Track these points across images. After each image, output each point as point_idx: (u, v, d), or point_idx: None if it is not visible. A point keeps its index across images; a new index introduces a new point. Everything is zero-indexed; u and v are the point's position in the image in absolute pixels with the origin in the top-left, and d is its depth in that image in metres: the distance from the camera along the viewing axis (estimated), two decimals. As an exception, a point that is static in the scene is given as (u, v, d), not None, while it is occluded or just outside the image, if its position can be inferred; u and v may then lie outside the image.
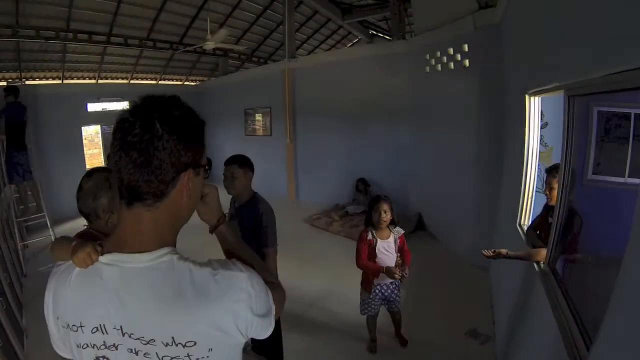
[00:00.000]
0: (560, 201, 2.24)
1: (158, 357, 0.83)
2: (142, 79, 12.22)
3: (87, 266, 0.86)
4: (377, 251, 3.22)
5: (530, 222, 3.10)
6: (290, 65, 9.16)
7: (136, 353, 0.84)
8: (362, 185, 7.98)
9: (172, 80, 13.31)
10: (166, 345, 0.82)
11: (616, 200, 1.96)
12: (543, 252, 2.42)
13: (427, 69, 6.18)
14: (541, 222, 2.84)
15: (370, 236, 3.23)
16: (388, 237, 3.27)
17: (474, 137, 5.22)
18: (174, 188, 0.86)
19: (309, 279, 5.02)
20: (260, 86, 10.33)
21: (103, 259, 0.86)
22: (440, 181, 6.15)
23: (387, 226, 3.26)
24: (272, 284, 1.03)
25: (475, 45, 5.07)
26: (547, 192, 2.66)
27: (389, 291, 3.39)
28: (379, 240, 3.23)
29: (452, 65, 5.55)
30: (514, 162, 3.79)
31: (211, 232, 1.11)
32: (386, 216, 3.18)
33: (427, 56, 6.12)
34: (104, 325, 0.84)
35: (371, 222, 3.27)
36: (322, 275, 5.17)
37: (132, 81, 11.84)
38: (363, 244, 3.21)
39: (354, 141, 8.30)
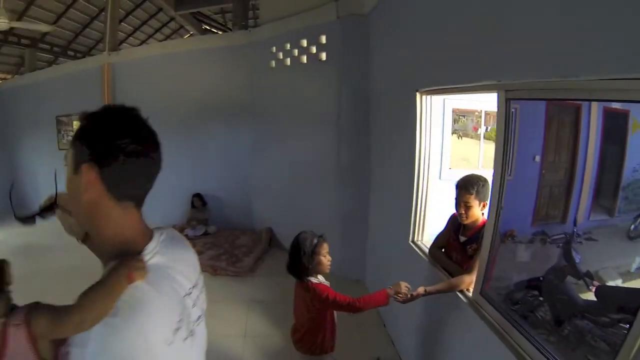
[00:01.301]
0: (495, 221, 1.95)
1: None
2: None
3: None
4: None
5: (434, 240, 2.72)
6: (110, 60, 7.63)
7: None
8: (198, 201, 7.01)
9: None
10: None
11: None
12: (467, 279, 2.19)
13: (273, 63, 5.59)
14: (449, 240, 2.56)
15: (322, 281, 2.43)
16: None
17: (334, 141, 4.83)
18: None
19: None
20: (76, 87, 8.36)
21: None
22: (295, 192, 5.62)
23: None
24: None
25: (336, 37, 4.66)
26: (463, 211, 2.32)
27: None
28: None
29: (304, 58, 5.06)
30: (396, 170, 3.44)
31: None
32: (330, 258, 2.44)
33: (274, 49, 5.53)
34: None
35: (306, 269, 2.36)
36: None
37: None
38: (327, 289, 2.34)
39: (187, 150, 7.20)
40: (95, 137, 0.85)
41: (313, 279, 2.36)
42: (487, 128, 3.57)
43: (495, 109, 1.90)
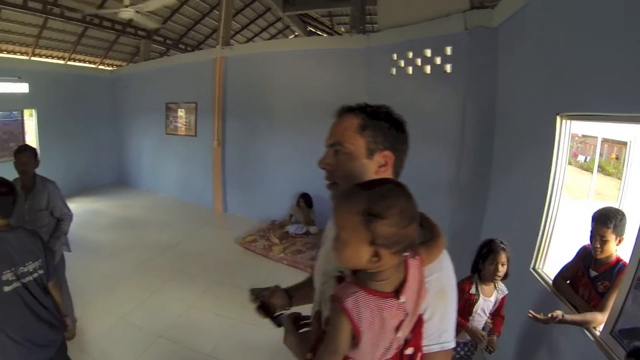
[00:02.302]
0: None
1: None
2: (45, 56, 10.38)
3: None
4: (474, 310, 2.62)
5: (560, 270, 2.65)
6: (223, 54, 8.21)
7: None
8: (303, 202, 7.20)
9: (84, 61, 11.58)
10: None
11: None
12: (600, 318, 2.12)
13: (393, 70, 5.65)
14: (577, 273, 2.50)
15: (473, 289, 2.63)
16: (491, 295, 2.68)
17: (453, 157, 4.80)
18: None
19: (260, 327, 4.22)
20: (187, 77, 9.21)
21: None
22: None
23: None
24: None
25: (463, 49, 4.64)
26: (598, 245, 2.25)
27: (463, 352, 2.83)
28: (481, 297, 2.63)
29: (428, 69, 5.08)
30: (523, 192, 3.37)
31: None
32: (503, 270, 2.59)
33: (394, 56, 5.59)
34: None
35: (478, 271, 2.67)
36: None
37: (33, 57, 9.95)
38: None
39: (297, 147, 7.48)
40: (388, 130, 1.18)
41: (472, 286, 2.66)
42: (586, 158, 3.39)
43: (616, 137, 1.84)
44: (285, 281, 4.62)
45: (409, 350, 0.98)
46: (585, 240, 2.40)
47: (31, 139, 9.11)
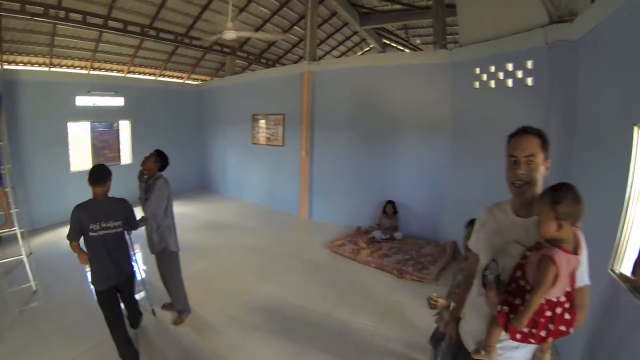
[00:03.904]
0: None
1: None
2: (139, 73, 11.90)
3: None
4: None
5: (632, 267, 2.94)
6: (310, 68, 8.99)
7: None
8: (391, 208, 7.78)
9: (173, 77, 13.05)
10: None
11: None
12: None
13: (477, 84, 6.09)
14: None
15: None
16: None
17: None
18: None
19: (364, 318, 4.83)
20: (273, 90, 10.13)
21: None
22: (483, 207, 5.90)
23: None
24: None
25: (543, 63, 4.96)
26: None
27: None
28: None
29: (509, 82, 5.46)
30: (601, 196, 3.66)
31: None
32: None
33: (477, 70, 6.04)
34: None
35: None
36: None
37: (128, 74, 11.49)
38: None
39: (379, 158, 8.08)
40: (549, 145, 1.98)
41: None
42: None
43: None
44: (371, 281, 5.26)
45: (569, 288, 1.69)
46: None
47: (125, 147, 10.44)
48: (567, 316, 1.67)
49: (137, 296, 4.29)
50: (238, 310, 4.88)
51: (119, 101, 9.99)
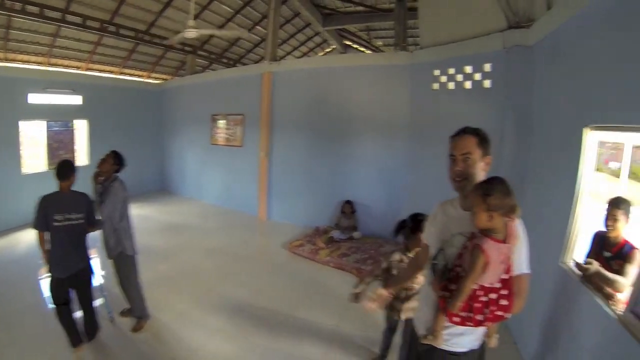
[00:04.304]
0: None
1: None
2: (98, 70, 11.51)
3: None
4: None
5: (584, 259, 3.12)
6: (271, 69, 8.98)
7: None
8: (349, 208, 7.86)
9: (133, 75, 12.71)
10: None
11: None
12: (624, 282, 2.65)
13: (436, 85, 6.27)
14: (595, 259, 2.97)
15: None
16: None
17: (492, 167, 5.23)
18: None
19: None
20: (233, 90, 10.07)
21: None
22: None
23: None
24: None
25: (501, 66, 5.20)
26: (611, 223, 2.86)
27: None
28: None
29: (468, 84, 5.68)
30: (554, 195, 3.84)
31: None
32: None
33: (436, 72, 6.22)
34: None
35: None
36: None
37: (86, 72, 11.08)
38: None
39: (338, 158, 8.18)
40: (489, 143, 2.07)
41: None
42: (618, 165, 3.74)
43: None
44: (331, 281, 5.39)
45: (505, 276, 1.79)
46: (598, 228, 3.01)
47: (81, 147, 10.07)
48: (503, 302, 1.79)
49: (96, 303, 4.16)
50: (199, 314, 4.83)
51: (76, 99, 9.60)
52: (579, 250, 3.36)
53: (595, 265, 2.79)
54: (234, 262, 6.58)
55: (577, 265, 3.00)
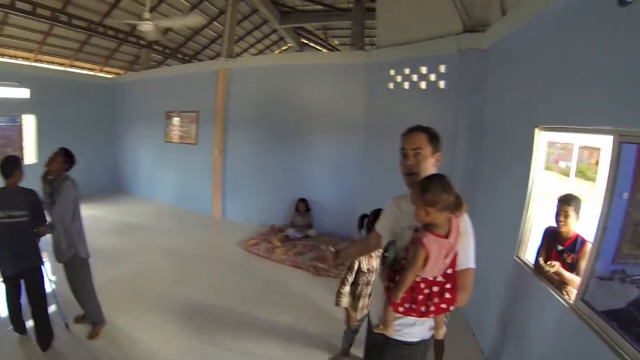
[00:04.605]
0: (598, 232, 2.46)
1: None
2: (47, 62, 10.99)
3: None
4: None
5: (537, 254, 3.27)
6: (227, 65, 8.85)
7: None
8: (303, 206, 7.84)
9: (85, 68, 12.21)
10: None
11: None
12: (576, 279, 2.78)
13: (391, 85, 6.36)
14: (547, 252, 3.15)
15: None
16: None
17: (444, 166, 5.33)
18: None
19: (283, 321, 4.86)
20: (188, 87, 9.81)
21: None
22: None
23: None
24: None
25: (455, 68, 5.37)
26: (562, 219, 3.01)
27: None
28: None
29: (423, 84, 5.81)
30: (507, 193, 4.00)
31: None
32: None
33: (392, 72, 6.31)
34: None
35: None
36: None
37: (35, 63, 10.55)
38: None
39: (293, 156, 8.18)
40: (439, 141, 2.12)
41: None
42: (567, 164, 3.87)
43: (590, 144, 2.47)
44: (288, 279, 5.40)
45: (449, 271, 1.84)
46: (548, 223, 3.17)
47: (29, 144, 9.52)
48: (447, 295, 1.86)
49: (49, 309, 3.95)
50: (156, 316, 4.66)
51: (23, 93, 9.01)
52: (531, 244, 3.50)
53: (557, 267, 2.90)
54: (189, 262, 6.43)
55: (538, 266, 3.11)
